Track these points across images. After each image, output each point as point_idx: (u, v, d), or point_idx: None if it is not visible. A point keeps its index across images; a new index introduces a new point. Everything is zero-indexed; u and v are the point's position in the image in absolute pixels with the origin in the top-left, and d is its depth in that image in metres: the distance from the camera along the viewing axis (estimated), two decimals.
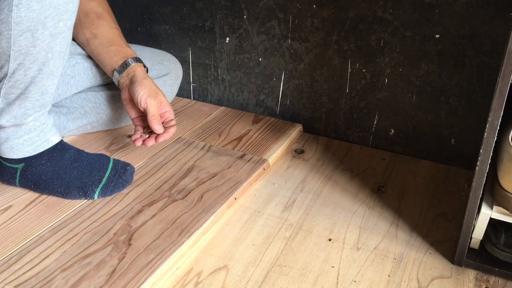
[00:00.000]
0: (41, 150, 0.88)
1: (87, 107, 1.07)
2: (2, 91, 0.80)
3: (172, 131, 0.96)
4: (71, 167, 0.89)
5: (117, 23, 1.04)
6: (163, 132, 0.95)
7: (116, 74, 0.99)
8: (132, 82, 0.97)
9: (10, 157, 0.88)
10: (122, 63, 0.98)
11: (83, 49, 1.05)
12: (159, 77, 1.15)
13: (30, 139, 0.86)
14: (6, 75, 0.78)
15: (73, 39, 1.03)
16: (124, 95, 0.99)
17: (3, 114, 0.82)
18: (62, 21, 0.78)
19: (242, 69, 1.25)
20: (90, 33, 1.00)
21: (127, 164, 0.94)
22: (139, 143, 0.96)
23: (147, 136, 0.96)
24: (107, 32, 1.01)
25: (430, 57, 1.03)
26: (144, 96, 0.94)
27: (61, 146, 0.90)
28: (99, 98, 1.08)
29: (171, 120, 0.98)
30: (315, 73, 1.16)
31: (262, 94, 1.26)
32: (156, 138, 0.95)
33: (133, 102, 0.98)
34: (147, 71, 1.02)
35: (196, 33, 1.26)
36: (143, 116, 0.99)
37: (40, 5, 0.73)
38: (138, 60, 1.00)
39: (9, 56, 0.76)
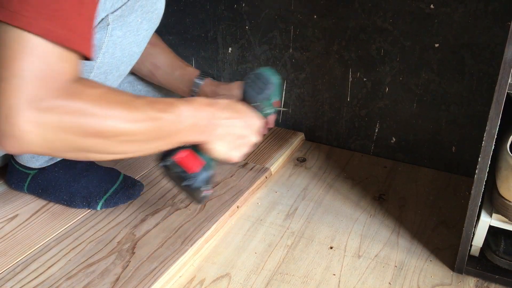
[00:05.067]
0: (57, 160, 0.90)
1: None
2: None
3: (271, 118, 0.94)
4: (80, 176, 0.90)
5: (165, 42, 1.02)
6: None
7: None
8: None
9: (28, 165, 0.89)
10: (190, 91, 0.96)
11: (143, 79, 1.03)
12: None
13: None
14: None
15: (133, 73, 1.01)
16: None
17: None
18: (131, 65, 0.82)
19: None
20: (151, 64, 0.98)
21: (137, 181, 0.95)
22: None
23: None
24: (165, 58, 0.98)
25: (430, 66, 1.04)
26: None
27: None
28: None
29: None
30: (316, 82, 1.17)
31: None
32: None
33: None
34: (213, 78, 0.98)
35: (199, 43, 1.28)
36: None
37: (122, 53, 0.76)
38: (200, 77, 0.96)
39: None
